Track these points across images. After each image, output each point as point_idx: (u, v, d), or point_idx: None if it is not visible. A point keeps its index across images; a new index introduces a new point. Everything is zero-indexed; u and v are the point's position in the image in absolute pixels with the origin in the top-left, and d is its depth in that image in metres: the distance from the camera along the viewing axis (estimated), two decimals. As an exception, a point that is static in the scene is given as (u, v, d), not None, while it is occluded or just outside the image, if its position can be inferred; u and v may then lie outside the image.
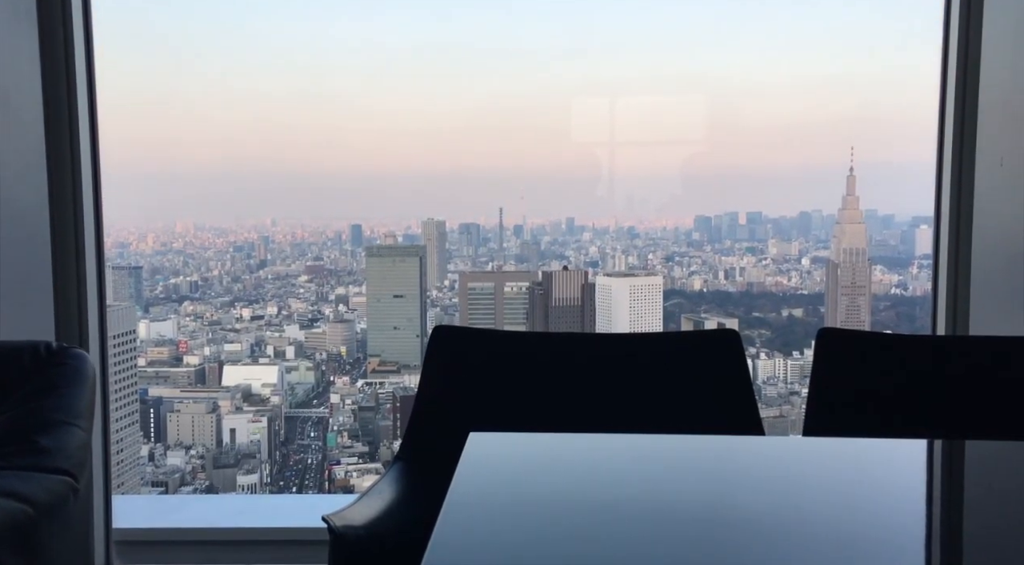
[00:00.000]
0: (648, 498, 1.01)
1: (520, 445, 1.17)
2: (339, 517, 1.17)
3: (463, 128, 6.83)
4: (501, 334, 1.66)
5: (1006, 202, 1.81)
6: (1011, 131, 1.79)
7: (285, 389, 6.20)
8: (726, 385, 1.55)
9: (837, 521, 0.96)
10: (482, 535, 0.86)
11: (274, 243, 6.64)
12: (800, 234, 6.59)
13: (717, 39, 6.40)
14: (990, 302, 1.86)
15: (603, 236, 6.94)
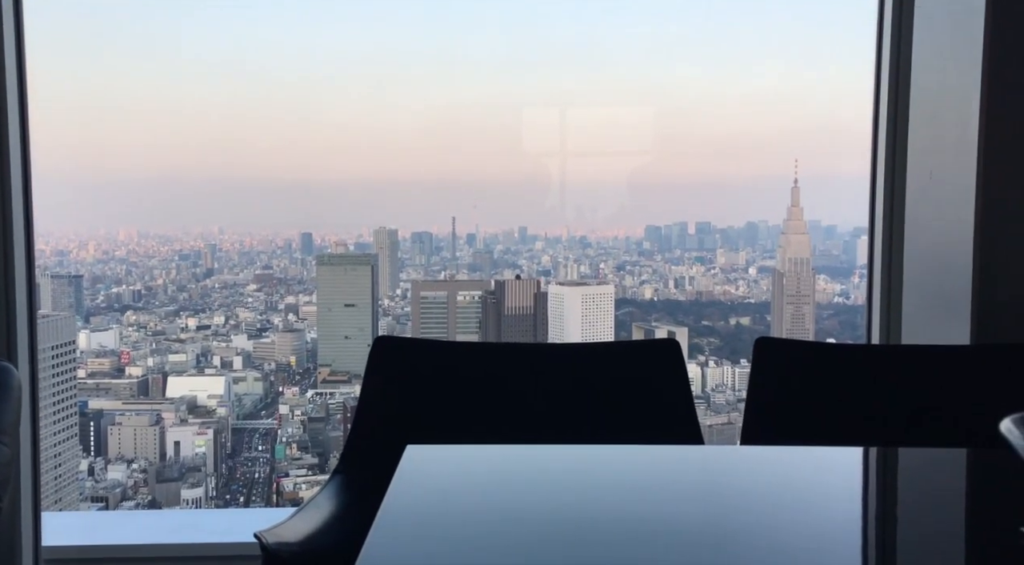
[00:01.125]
0: (585, 509, 1.01)
1: (457, 458, 1.16)
2: (272, 534, 1.14)
3: (415, 137, 6.81)
4: (444, 345, 1.65)
5: (935, 214, 1.87)
6: (940, 145, 1.85)
7: (232, 400, 6.07)
8: (667, 394, 1.56)
9: (774, 529, 0.97)
10: (413, 551, 0.85)
11: (221, 251, 6.51)
12: (747, 244, 6.73)
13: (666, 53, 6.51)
14: (921, 311, 1.92)
15: (555, 245, 6.98)
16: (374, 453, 1.17)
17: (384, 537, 0.86)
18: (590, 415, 1.55)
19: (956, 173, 1.76)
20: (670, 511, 1.02)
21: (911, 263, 1.97)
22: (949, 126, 1.81)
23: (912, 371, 1.63)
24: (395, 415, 1.54)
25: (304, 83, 6.98)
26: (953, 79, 1.80)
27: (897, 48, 1.99)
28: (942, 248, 1.85)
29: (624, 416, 1.55)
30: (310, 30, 6.99)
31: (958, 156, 1.75)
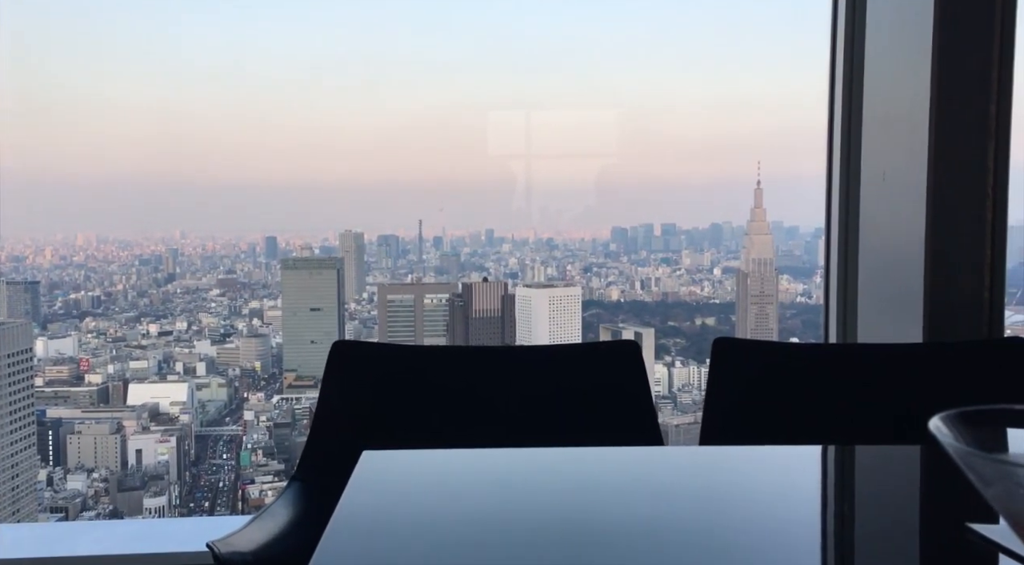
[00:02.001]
0: (541, 511, 1.00)
1: (414, 462, 1.15)
2: (225, 543, 1.12)
3: (380, 140, 6.77)
4: (403, 348, 1.64)
5: (888, 214, 1.90)
6: (892, 147, 1.89)
7: (195, 407, 5.98)
8: (627, 396, 1.57)
9: (733, 528, 0.98)
10: (364, 558, 0.84)
11: (183, 256, 6.41)
12: (712, 245, 6.80)
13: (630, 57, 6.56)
14: (876, 311, 1.96)
15: (522, 248, 6.99)
16: (333, 459, 1.15)
17: (335, 544, 0.85)
18: (550, 417, 1.55)
19: (908, 174, 1.79)
20: (627, 512, 1.02)
21: (866, 263, 2.00)
22: (901, 128, 1.85)
23: (868, 370, 1.65)
24: (355, 420, 1.52)
25: (268, 85, 6.92)
26: (904, 82, 1.84)
27: (850, 53, 2.03)
28: (895, 248, 1.89)
29: (584, 418, 1.55)
30: (273, 33, 6.92)
31: (910, 157, 1.79)
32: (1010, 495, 0.41)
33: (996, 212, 1.70)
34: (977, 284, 1.72)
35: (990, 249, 1.70)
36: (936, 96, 1.71)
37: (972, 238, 1.73)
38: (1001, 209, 1.71)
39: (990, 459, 0.40)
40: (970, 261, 1.73)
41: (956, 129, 1.71)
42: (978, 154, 1.71)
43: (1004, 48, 1.71)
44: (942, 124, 1.70)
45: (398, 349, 1.60)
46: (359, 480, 1.05)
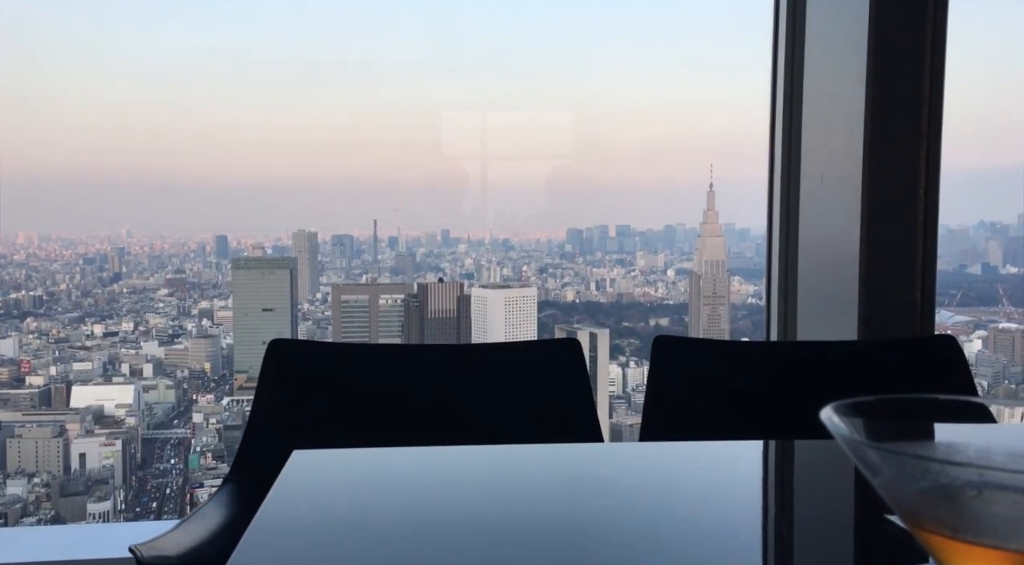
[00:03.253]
0: (476, 509, 1.00)
1: (346, 462, 1.13)
2: (149, 547, 1.09)
3: (334, 139, 6.70)
4: (342, 347, 1.62)
5: (826, 216, 1.94)
6: (829, 150, 1.93)
7: (142, 409, 5.84)
8: (567, 393, 1.57)
9: (671, 522, 0.98)
10: (285, 559, 0.82)
11: (130, 255, 6.26)
12: (665, 247, 6.87)
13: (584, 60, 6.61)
14: (814, 310, 1.99)
15: (478, 248, 6.99)
16: (268, 460, 1.13)
17: (254, 545, 0.83)
18: (490, 415, 1.54)
19: (844, 176, 1.83)
20: (564, 508, 1.01)
21: (805, 264, 2.04)
22: (838, 131, 1.89)
23: (804, 367, 1.68)
24: (291, 421, 1.49)
25: (218, 82, 6.79)
26: (841, 87, 1.88)
27: (791, 58, 2.06)
28: (832, 249, 1.93)
29: (524, 416, 1.55)
30: (223, 28, 6.80)
31: (846, 159, 1.83)
32: (896, 484, 0.41)
33: (927, 214, 1.75)
34: (909, 284, 1.77)
35: (922, 250, 1.75)
36: (871, 100, 1.75)
37: (905, 239, 1.77)
38: (932, 211, 1.75)
39: (876, 447, 0.40)
40: (903, 262, 1.77)
41: (889, 132, 1.76)
42: (911, 157, 1.75)
43: (935, 55, 1.76)
44: (876, 127, 1.74)
45: (336, 347, 1.58)
46: (286, 480, 1.03)
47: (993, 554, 0.40)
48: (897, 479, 0.42)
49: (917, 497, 0.41)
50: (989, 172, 5.16)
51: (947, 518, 0.41)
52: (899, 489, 0.42)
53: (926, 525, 0.42)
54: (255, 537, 0.85)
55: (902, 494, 0.42)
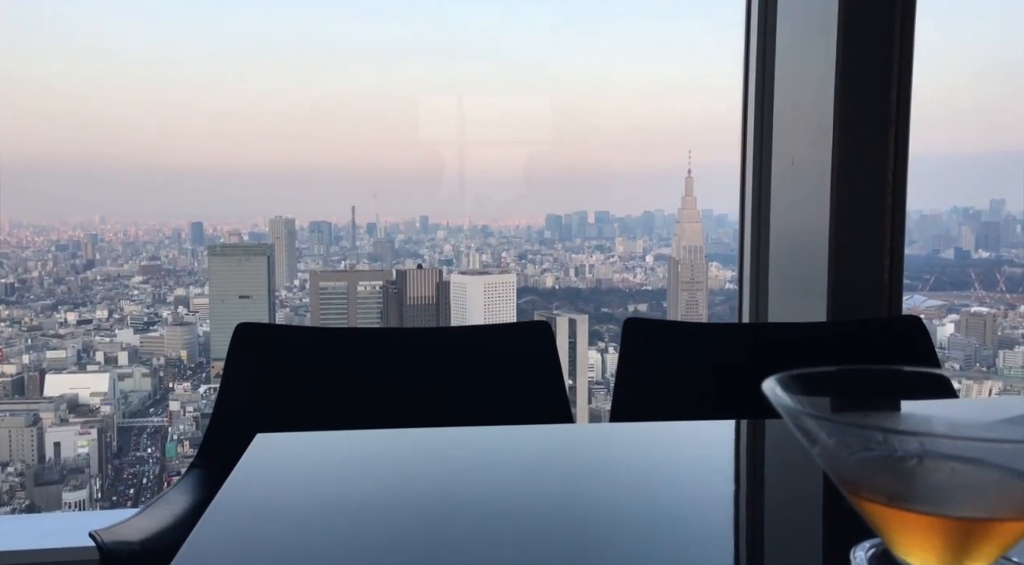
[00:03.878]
0: (444, 491, 0.99)
1: (310, 444, 1.13)
2: (111, 532, 1.08)
3: (312, 124, 6.63)
4: (310, 330, 1.60)
5: (796, 199, 1.95)
6: (800, 133, 1.93)
7: (118, 398, 5.78)
8: (538, 376, 1.57)
9: (640, 501, 0.98)
10: (240, 543, 0.81)
11: (103, 242, 6.18)
12: (644, 233, 6.89)
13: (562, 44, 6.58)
14: (785, 292, 2.01)
15: (457, 234, 6.97)
16: (234, 446, 1.12)
17: (212, 529, 0.82)
18: (461, 398, 1.54)
19: (814, 158, 1.84)
20: (533, 489, 1.01)
21: (776, 246, 2.05)
22: (808, 114, 1.89)
23: (773, 348, 1.69)
24: (259, 405, 1.48)
25: (192, 67, 6.69)
26: (811, 69, 1.88)
27: (763, 42, 2.06)
28: (802, 232, 1.93)
29: (495, 398, 1.54)
30: (199, 12, 6.69)
31: (816, 142, 1.83)
32: (833, 453, 0.41)
33: (896, 197, 1.76)
34: (878, 266, 1.78)
35: (890, 232, 1.76)
36: (840, 83, 1.75)
37: (873, 222, 1.78)
38: (900, 194, 1.76)
39: (812, 416, 0.40)
40: (871, 244, 1.78)
41: (858, 116, 1.76)
42: (879, 140, 1.76)
43: (904, 38, 1.77)
44: (845, 111, 1.75)
45: (303, 331, 1.57)
46: (247, 463, 1.02)
47: (928, 521, 0.40)
48: (834, 448, 0.42)
49: (854, 466, 0.41)
50: (962, 158, 5.22)
51: (883, 486, 0.41)
52: (836, 458, 0.42)
53: (862, 493, 0.42)
54: (212, 520, 0.84)
55: (839, 463, 0.42)
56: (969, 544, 0.40)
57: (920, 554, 0.41)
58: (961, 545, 0.40)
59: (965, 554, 0.40)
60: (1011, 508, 0.39)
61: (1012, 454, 0.40)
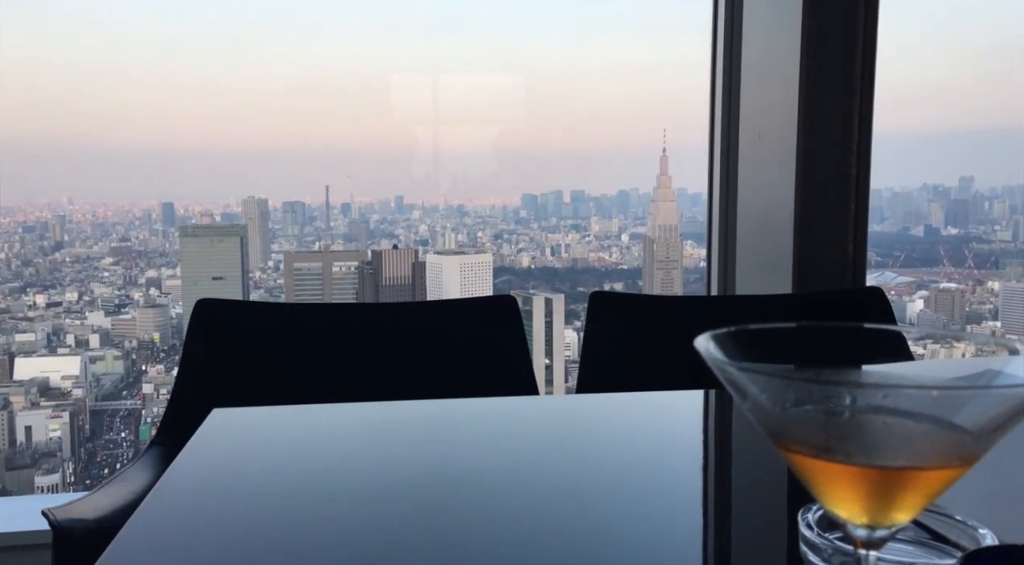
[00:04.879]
0: (402, 464, 0.98)
1: (268, 419, 1.11)
2: (65, 510, 1.06)
3: (282, 104, 6.54)
4: (272, 306, 1.59)
5: (763, 174, 1.95)
6: (767, 108, 1.93)
7: (89, 381, 5.72)
8: (504, 350, 1.56)
9: (602, 471, 0.98)
10: (188, 518, 0.80)
11: (72, 223, 6.08)
12: (620, 212, 6.90)
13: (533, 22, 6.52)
14: (752, 265, 2.01)
15: (433, 214, 6.94)
16: (194, 423, 1.10)
17: (159, 503, 0.81)
18: (427, 373, 1.53)
19: (780, 134, 1.84)
20: (493, 460, 1.01)
21: (743, 221, 2.05)
22: (774, 89, 1.89)
23: (737, 320, 1.69)
24: (219, 381, 1.47)
25: (162, 45, 6.56)
26: (777, 45, 1.87)
27: (730, 18, 2.05)
28: (768, 206, 1.94)
29: (461, 373, 1.54)
30: (166, -14, 6.55)
31: (781, 117, 1.83)
32: (761, 405, 0.41)
33: (860, 170, 1.77)
34: (842, 239, 1.79)
35: (854, 205, 1.77)
36: (804, 57, 1.75)
37: (837, 196, 1.79)
38: (864, 168, 1.77)
39: (741, 368, 0.40)
40: (835, 218, 1.79)
41: (823, 91, 1.76)
42: (843, 115, 1.76)
43: (868, 14, 1.76)
44: (810, 86, 1.75)
45: (263, 307, 1.55)
46: (201, 438, 1.01)
47: (852, 471, 0.40)
48: (762, 400, 0.42)
49: (782, 418, 0.41)
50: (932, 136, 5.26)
51: (811, 438, 0.41)
52: (764, 410, 0.42)
53: (791, 446, 0.42)
54: (160, 495, 0.83)
55: (768, 415, 0.42)
56: (894, 494, 0.40)
57: (846, 505, 0.41)
58: (886, 495, 0.40)
59: (890, 504, 0.40)
60: (934, 457, 0.39)
61: (938, 402, 0.40)
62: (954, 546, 0.67)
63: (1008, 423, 0.39)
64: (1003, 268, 5.16)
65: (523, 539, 0.74)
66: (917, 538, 0.69)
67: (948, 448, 0.39)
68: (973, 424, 0.39)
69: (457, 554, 0.71)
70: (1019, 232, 5.23)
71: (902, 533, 0.71)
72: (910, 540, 0.69)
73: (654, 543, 0.75)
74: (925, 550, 0.67)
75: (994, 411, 0.39)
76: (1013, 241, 5.24)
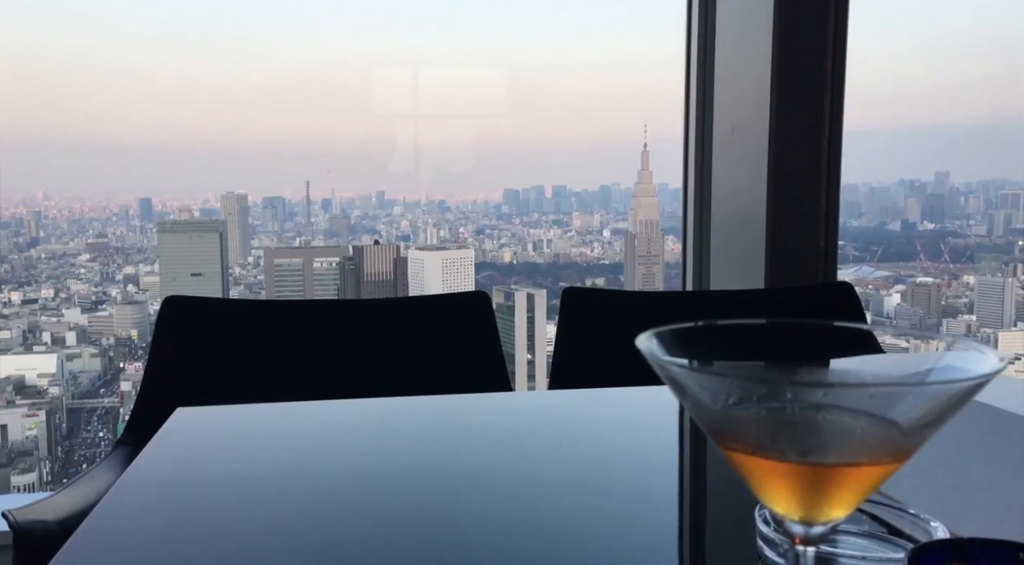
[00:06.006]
0: (370, 461, 0.98)
1: (231, 418, 1.11)
2: (26, 511, 1.05)
3: (262, 98, 6.48)
4: (243, 303, 1.57)
5: (736, 169, 1.96)
6: (740, 103, 1.94)
7: (66, 379, 5.66)
8: (477, 346, 1.56)
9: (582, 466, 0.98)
10: (145, 519, 0.79)
11: (47, 219, 6.00)
12: (601, 207, 6.91)
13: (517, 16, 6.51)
14: (726, 260, 2.02)
15: (414, 210, 6.92)
16: (162, 421, 1.09)
17: (117, 503, 0.80)
18: (400, 370, 1.52)
19: (752, 129, 1.84)
20: (461, 455, 1.00)
21: (718, 215, 2.06)
22: (747, 84, 1.89)
23: (708, 315, 1.70)
24: (189, 380, 1.45)
25: (141, 38, 6.48)
26: (750, 40, 1.88)
27: (704, 12, 2.05)
28: (742, 200, 1.95)
29: (434, 369, 1.54)
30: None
31: (754, 112, 1.84)
32: (699, 402, 0.41)
33: (831, 165, 1.78)
34: (813, 233, 1.80)
35: (825, 200, 1.78)
36: (777, 53, 1.75)
37: (808, 190, 1.80)
38: (835, 163, 1.78)
39: (679, 366, 0.40)
40: (807, 212, 1.80)
41: (794, 85, 1.77)
42: (814, 109, 1.77)
43: (839, 11, 1.77)
44: (782, 80, 1.76)
45: (233, 304, 1.53)
46: (163, 437, 1.00)
47: (786, 468, 0.40)
48: (701, 398, 0.42)
49: (719, 416, 0.41)
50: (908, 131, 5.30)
51: (748, 436, 0.41)
52: (703, 407, 0.42)
53: (728, 443, 0.42)
54: (118, 494, 0.82)
55: (706, 413, 0.42)
56: (828, 490, 0.40)
57: (782, 502, 0.41)
58: (820, 491, 0.40)
59: (825, 500, 0.41)
60: (866, 454, 0.40)
61: (874, 399, 0.40)
62: (907, 539, 0.68)
63: (940, 418, 0.39)
64: (978, 262, 5.22)
65: (491, 534, 0.74)
66: (871, 531, 0.70)
67: (880, 444, 0.39)
68: (907, 420, 0.39)
69: (424, 551, 0.71)
70: (994, 227, 5.29)
71: (855, 526, 0.72)
72: (863, 533, 0.69)
73: (613, 538, 0.75)
74: (878, 543, 0.68)
75: (927, 407, 0.39)
76: (988, 236, 5.30)
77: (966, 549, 0.53)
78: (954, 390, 0.39)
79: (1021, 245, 5.30)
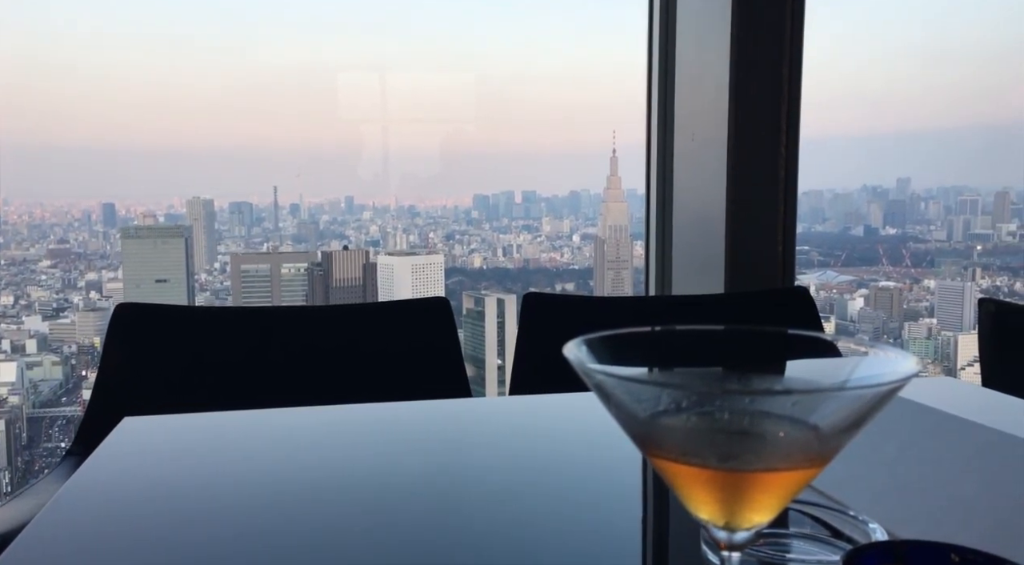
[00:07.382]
0: (319, 470, 0.96)
1: (180, 427, 1.09)
2: (-34, 521, 1.02)
3: (229, 102, 6.41)
4: (196, 310, 1.55)
5: (697, 175, 1.98)
6: (700, 110, 1.96)
7: (27, 387, 5.54)
8: (438, 352, 1.55)
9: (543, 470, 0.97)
10: (83, 531, 0.77)
11: (7, 224, 5.89)
12: (571, 212, 6.94)
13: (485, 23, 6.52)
14: (687, 265, 2.04)
15: (384, 215, 6.89)
16: (111, 430, 1.07)
17: (55, 516, 0.78)
18: (359, 376, 1.51)
19: (712, 136, 1.86)
20: (418, 462, 0.99)
21: (679, 221, 2.08)
22: (707, 92, 1.91)
23: (667, 319, 1.71)
24: (141, 389, 1.43)
25: (103, 40, 6.39)
26: (709, 49, 1.90)
27: (665, 20, 2.07)
28: (702, 206, 1.96)
29: (393, 376, 1.52)
30: (105, -19, 6.38)
31: (713, 120, 1.86)
32: (625, 409, 0.41)
33: (788, 172, 1.80)
34: (771, 239, 1.82)
35: (783, 206, 1.80)
36: (735, 62, 1.77)
37: (766, 196, 1.82)
38: (792, 169, 1.81)
39: (603, 373, 0.40)
40: (765, 218, 1.82)
41: (751, 93, 1.79)
42: (771, 117, 1.80)
43: (795, 16, 1.80)
44: (740, 89, 1.78)
45: (186, 311, 1.51)
46: (108, 447, 0.98)
47: (707, 474, 0.40)
48: (625, 404, 0.42)
49: (645, 422, 0.41)
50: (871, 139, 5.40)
51: (671, 443, 0.41)
52: (628, 414, 0.42)
53: (651, 450, 0.42)
54: (57, 507, 0.80)
55: (631, 420, 0.42)
56: (750, 495, 0.41)
57: (706, 508, 0.42)
58: (741, 497, 0.41)
59: (746, 506, 0.41)
60: (785, 459, 0.40)
61: (796, 405, 0.41)
62: (847, 541, 0.68)
63: (858, 422, 0.40)
64: (939, 267, 5.33)
65: (449, 541, 0.74)
66: (813, 533, 0.70)
67: (798, 450, 0.40)
68: (827, 424, 0.40)
69: (379, 559, 0.70)
70: (953, 232, 5.41)
71: (797, 528, 0.72)
72: (805, 535, 0.70)
73: (558, 543, 0.75)
74: (818, 545, 0.68)
75: (845, 411, 0.39)
76: (948, 240, 5.41)
77: (901, 552, 0.54)
78: (872, 394, 0.39)
79: (980, 250, 5.42)
